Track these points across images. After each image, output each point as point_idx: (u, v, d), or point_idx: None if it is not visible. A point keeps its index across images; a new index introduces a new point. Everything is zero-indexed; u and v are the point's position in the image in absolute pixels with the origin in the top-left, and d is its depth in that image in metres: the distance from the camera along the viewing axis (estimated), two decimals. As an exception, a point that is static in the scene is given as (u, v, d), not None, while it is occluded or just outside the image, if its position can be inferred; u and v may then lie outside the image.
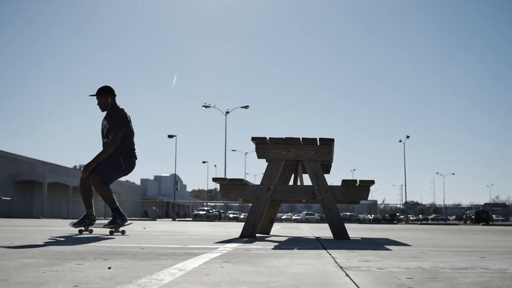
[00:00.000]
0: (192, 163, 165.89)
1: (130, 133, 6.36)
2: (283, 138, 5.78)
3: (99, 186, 6.07)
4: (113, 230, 6.19)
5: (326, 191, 5.70)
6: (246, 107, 49.26)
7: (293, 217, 64.70)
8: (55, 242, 4.42)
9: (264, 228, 7.04)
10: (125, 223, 6.22)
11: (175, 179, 59.92)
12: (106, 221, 6.66)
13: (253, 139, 5.76)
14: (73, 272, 2.17)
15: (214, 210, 57.51)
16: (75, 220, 6.47)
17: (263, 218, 6.71)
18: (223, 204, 63.27)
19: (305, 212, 69.44)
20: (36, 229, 8.10)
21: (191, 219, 51.85)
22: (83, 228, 6.33)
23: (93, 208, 6.32)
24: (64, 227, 9.46)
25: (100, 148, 6.38)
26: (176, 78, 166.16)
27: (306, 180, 7.57)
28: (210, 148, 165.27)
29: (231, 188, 5.84)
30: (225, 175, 47.24)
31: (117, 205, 6.20)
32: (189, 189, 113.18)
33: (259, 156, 5.81)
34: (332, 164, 7.06)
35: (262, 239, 5.36)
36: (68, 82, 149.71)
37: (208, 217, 50.18)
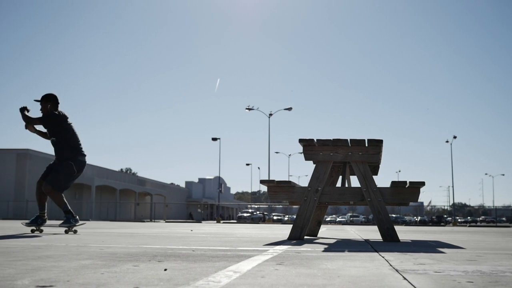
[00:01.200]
0: (235, 165, 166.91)
1: (68, 129, 6.86)
2: (330, 139, 5.73)
3: (50, 193, 6.71)
4: (68, 229, 6.82)
5: (375, 193, 5.63)
6: (290, 109, 49.17)
7: (338, 219, 64.23)
8: (107, 242, 4.52)
9: (311, 230, 7.01)
10: (78, 223, 6.88)
11: (219, 181, 60.34)
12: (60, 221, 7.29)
13: (301, 141, 5.74)
14: (130, 273, 2.20)
15: (258, 212, 57.60)
16: (28, 220, 7.06)
17: (311, 220, 6.68)
18: (267, 206, 63.27)
19: (349, 214, 68.84)
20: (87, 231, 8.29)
21: (235, 221, 52.11)
22: (35, 228, 6.91)
23: (46, 210, 6.93)
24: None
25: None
26: (219, 81, 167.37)
27: (354, 182, 7.49)
28: (253, 150, 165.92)
29: (278, 190, 5.83)
30: (268, 177, 47.24)
31: (69, 208, 6.80)
32: (233, 191, 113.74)
33: (307, 158, 5.78)
34: (380, 165, 6.96)
35: (310, 242, 5.34)
36: (114, 85, 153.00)
37: (253, 219, 50.34)
